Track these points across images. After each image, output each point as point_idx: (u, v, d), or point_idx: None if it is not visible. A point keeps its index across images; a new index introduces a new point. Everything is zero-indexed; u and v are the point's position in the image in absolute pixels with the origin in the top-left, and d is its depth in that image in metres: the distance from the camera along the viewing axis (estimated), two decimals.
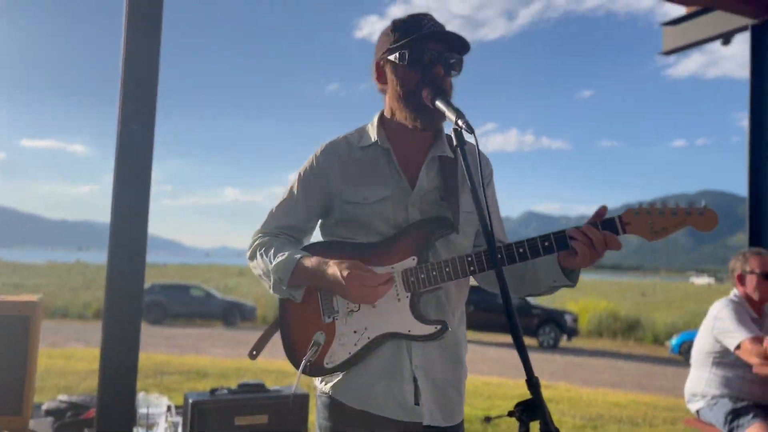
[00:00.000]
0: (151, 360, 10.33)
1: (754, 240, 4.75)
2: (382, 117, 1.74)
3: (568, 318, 19.72)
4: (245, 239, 1.81)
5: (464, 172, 1.68)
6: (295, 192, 1.73)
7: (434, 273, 1.56)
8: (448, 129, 1.72)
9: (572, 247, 1.50)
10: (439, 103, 1.51)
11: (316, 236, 1.79)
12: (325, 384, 1.67)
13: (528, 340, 19.59)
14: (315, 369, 1.62)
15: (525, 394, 1.23)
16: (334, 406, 1.64)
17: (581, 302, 27.95)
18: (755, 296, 3.51)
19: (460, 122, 1.42)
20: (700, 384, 3.56)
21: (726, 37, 5.35)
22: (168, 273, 43.90)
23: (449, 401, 1.66)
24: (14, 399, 2.22)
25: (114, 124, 3.19)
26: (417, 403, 1.60)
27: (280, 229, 1.74)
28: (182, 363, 10.65)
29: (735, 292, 3.60)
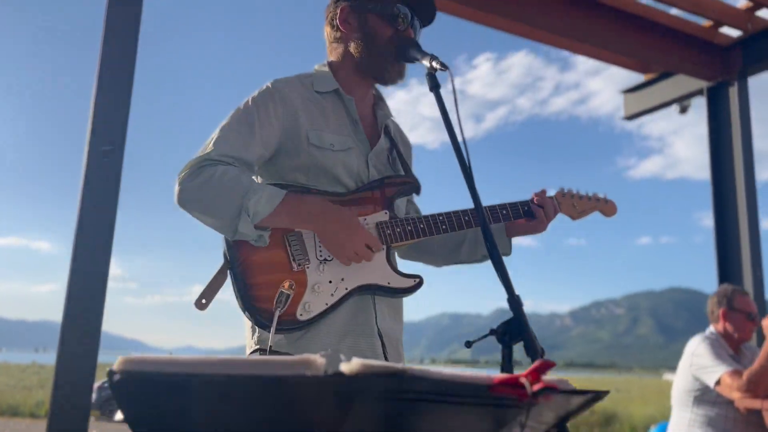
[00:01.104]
0: None
1: None
2: (331, 65, 1.69)
3: None
4: (211, 339, 1.46)
5: (401, 144, 1.77)
6: (254, 122, 1.50)
7: (409, 228, 1.55)
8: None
9: (536, 210, 1.70)
10: (411, 53, 1.53)
11: None
12: (275, 342, 1.46)
13: None
14: (286, 322, 1.44)
15: None
16: None
17: None
18: (736, 335, 3.47)
19: (434, 63, 1.42)
20: (683, 425, 3.44)
21: (683, 101, 5.60)
22: None
23: (401, 360, 1.61)
24: None
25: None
26: (387, 359, 1.52)
27: (234, 160, 1.47)
28: None
29: (710, 329, 3.56)
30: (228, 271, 1.49)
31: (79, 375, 2.95)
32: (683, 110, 5.88)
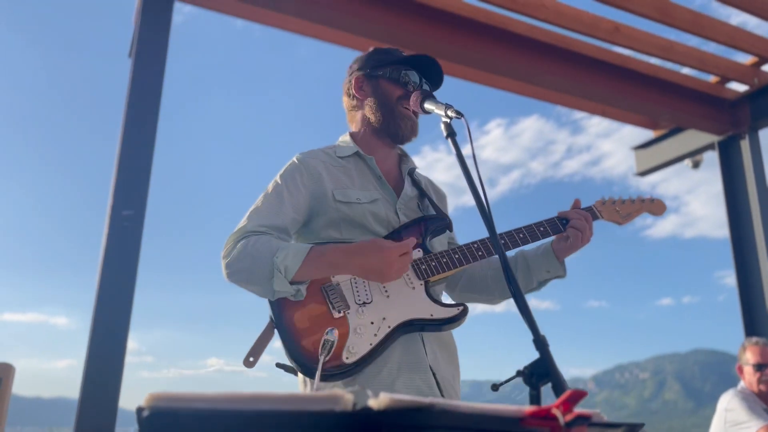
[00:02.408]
0: None
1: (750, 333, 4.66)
2: (352, 135, 1.80)
3: None
4: None
5: (430, 192, 1.81)
6: (283, 192, 1.63)
7: (445, 260, 1.58)
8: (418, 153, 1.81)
9: (569, 226, 1.67)
10: (427, 105, 1.58)
11: None
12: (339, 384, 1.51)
13: None
14: (333, 370, 1.46)
15: None
16: None
17: None
18: (753, 388, 3.38)
19: (449, 112, 1.47)
20: None
21: (694, 156, 5.62)
22: None
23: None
24: None
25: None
26: (442, 395, 1.52)
27: (268, 229, 1.59)
28: None
29: (742, 384, 3.46)
30: (274, 329, 1.54)
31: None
32: (695, 165, 5.90)
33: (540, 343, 1.13)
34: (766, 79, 4.83)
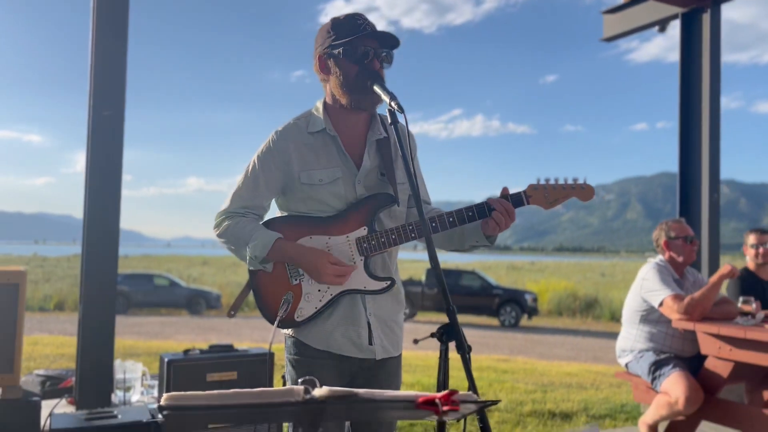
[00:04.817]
0: (118, 344, 10.43)
1: (684, 211, 5.21)
2: (325, 104, 2.03)
3: (528, 297, 20.37)
4: (208, 230, 2.08)
5: (397, 148, 2.02)
6: (258, 174, 1.99)
7: (383, 240, 1.91)
8: (381, 110, 2.04)
9: (491, 216, 1.89)
10: (376, 88, 1.81)
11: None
12: (292, 330, 2.00)
13: (489, 320, 20.33)
14: (287, 323, 1.95)
15: (480, 367, 1.55)
16: (300, 344, 1.98)
17: (542, 283, 28.80)
18: (680, 259, 3.92)
19: (393, 103, 1.71)
20: (629, 340, 3.96)
21: (661, 25, 5.74)
22: (129, 264, 43.44)
23: (395, 335, 2.05)
24: (6, 358, 2.44)
25: (73, 111, 3.51)
26: (371, 343, 1.96)
27: (246, 209, 2.01)
28: (149, 347, 10.80)
29: (660, 257, 4.00)
30: (250, 288, 2.01)
31: (104, 267, 3.51)
32: (662, 29, 6.02)
33: (450, 312, 1.50)
34: None
